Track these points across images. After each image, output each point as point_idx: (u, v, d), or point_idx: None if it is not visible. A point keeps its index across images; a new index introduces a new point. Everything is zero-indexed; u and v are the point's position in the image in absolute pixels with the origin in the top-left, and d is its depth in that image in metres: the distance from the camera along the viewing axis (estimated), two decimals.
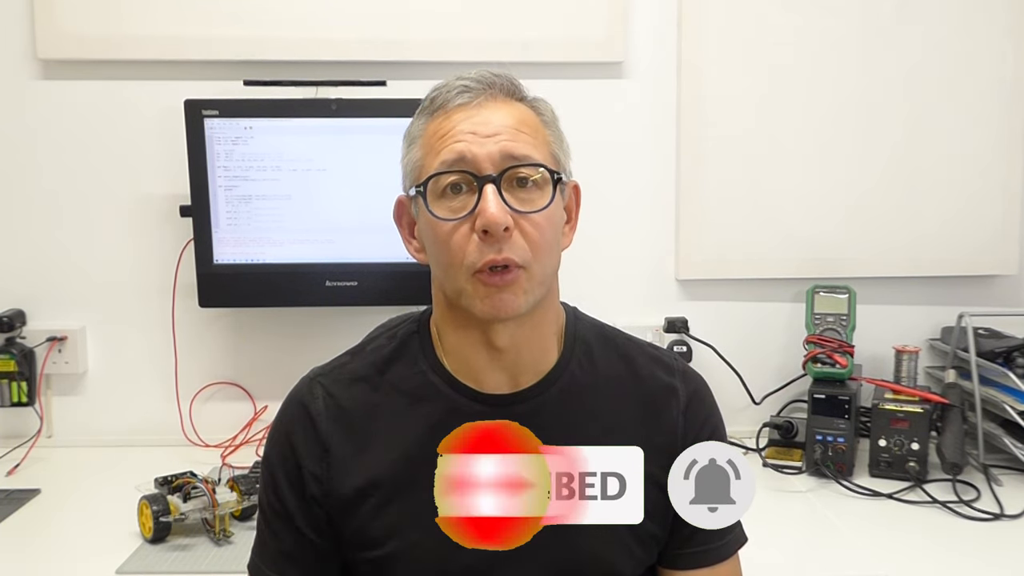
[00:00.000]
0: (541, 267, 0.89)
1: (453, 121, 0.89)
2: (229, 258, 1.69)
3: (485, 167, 0.87)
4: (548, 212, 0.89)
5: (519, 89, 0.94)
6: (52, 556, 1.34)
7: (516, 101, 0.93)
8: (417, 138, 0.93)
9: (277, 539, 0.96)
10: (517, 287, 0.88)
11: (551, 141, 0.93)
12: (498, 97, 0.91)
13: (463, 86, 0.91)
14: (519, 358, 0.94)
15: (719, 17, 1.79)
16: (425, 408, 0.94)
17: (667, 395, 0.98)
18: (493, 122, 0.89)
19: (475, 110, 0.90)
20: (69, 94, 1.76)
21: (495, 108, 0.90)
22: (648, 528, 0.95)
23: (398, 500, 0.92)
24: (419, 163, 0.92)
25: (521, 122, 0.90)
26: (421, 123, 0.93)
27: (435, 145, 0.90)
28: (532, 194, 0.89)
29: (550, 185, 0.90)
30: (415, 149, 0.93)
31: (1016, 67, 1.81)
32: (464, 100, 0.90)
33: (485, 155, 0.87)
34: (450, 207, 0.88)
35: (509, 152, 0.88)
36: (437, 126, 0.91)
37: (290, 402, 0.97)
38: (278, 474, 0.95)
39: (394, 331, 1.00)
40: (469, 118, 0.89)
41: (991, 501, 1.49)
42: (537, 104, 0.95)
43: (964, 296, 1.88)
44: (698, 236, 1.84)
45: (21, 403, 1.74)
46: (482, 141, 0.88)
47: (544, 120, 0.94)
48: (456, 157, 0.87)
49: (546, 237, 0.89)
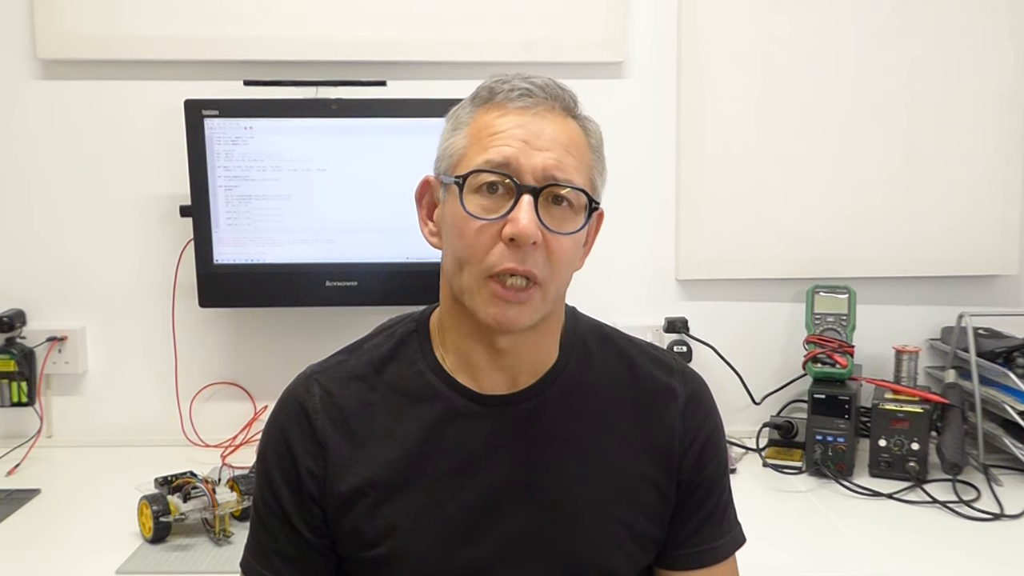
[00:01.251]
0: (556, 286, 0.89)
1: (508, 122, 0.88)
2: (229, 258, 1.69)
3: (527, 178, 0.86)
4: (576, 236, 0.89)
5: (577, 107, 0.93)
6: (52, 556, 1.34)
7: (571, 118, 0.92)
8: (464, 125, 0.91)
9: (271, 537, 0.95)
10: (530, 306, 0.87)
11: (593, 166, 0.92)
12: (556, 110, 0.90)
13: (526, 89, 0.89)
14: (519, 359, 0.94)
15: (719, 17, 1.79)
16: (423, 408, 0.94)
17: (666, 395, 0.97)
18: (546, 135, 0.88)
19: (532, 118, 0.88)
20: (69, 94, 1.77)
21: (551, 121, 0.89)
22: (646, 528, 0.95)
23: (395, 500, 0.92)
24: (461, 152, 0.90)
25: (571, 142, 0.89)
26: (472, 111, 0.92)
27: (483, 140, 0.88)
28: (565, 215, 0.88)
29: (585, 211, 0.89)
30: (459, 136, 0.91)
31: (1016, 68, 1.81)
32: (524, 104, 0.89)
33: (530, 166, 0.86)
34: (483, 205, 0.87)
35: (554, 170, 0.87)
36: (489, 120, 0.89)
37: (286, 399, 0.97)
38: (273, 471, 0.94)
39: (392, 330, 0.99)
40: (524, 124, 0.88)
41: (991, 501, 1.49)
42: (588, 125, 0.93)
43: (964, 296, 1.88)
44: (698, 236, 1.84)
45: (21, 403, 1.74)
46: (531, 152, 0.86)
47: (591, 144, 0.93)
48: (502, 160, 0.86)
49: (568, 258, 0.89)
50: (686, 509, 0.97)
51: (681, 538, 0.98)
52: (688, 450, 0.96)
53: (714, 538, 0.99)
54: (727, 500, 1.01)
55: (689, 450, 0.96)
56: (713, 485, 0.98)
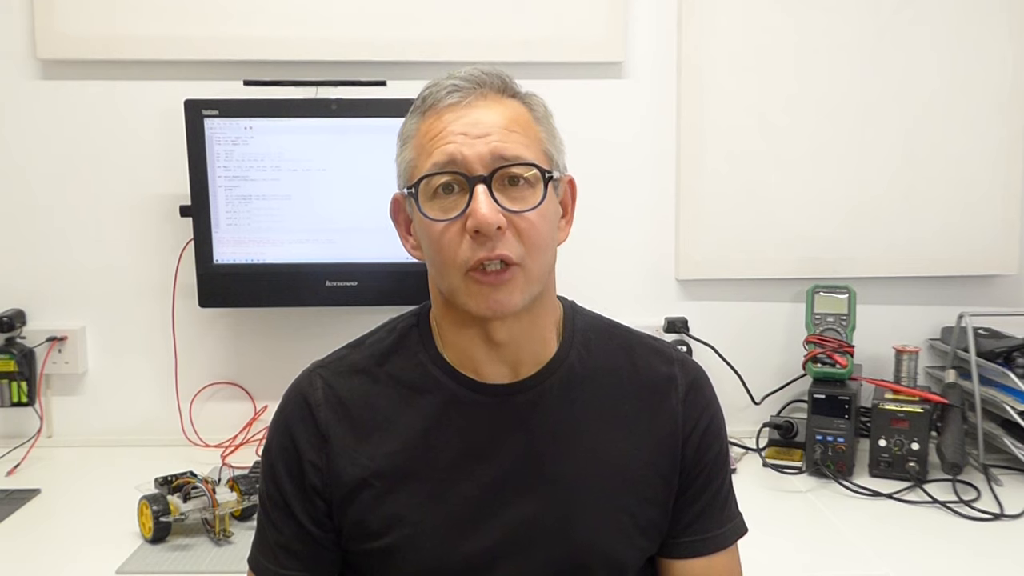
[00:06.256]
0: (536, 264, 0.90)
1: (444, 121, 0.89)
2: (229, 258, 1.69)
3: (476, 168, 0.87)
4: (541, 210, 0.89)
5: (510, 85, 0.93)
6: (52, 556, 1.34)
7: (508, 98, 0.92)
8: (410, 138, 0.93)
9: (277, 531, 0.96)
10: (513, 285, 0.88)
11: (543, 138, 0.93)
12: (488, 95, 0.91)
13: (453, 85, 0.90)
14: (519, 351, 0.94)
15: (719, 17, 1.79)
16: (425, 399, 0.94)
17: (666, 384, 0.98)
18: (483, 122, 0.88)
19: (465, 110, 0.89)
20: (69, 94, 1.77)
21: (485, 107, 0.90)
22: (650, 516, 0.96)
23: (398, 491, 0.92)
24: (412, 163, 0.92)
25: (512, 120, 0.90)
26: (413, 123, 0.93)
27: (427, 146, 0.90)
28: (524, 192, 0.89)
29: (542, 183, 0.90)
30: (408, 149, 0.93)
31: (1016, 67, 1.81)
32: (454, 100, 0.90)
33: (475, 156, 0.87)
34: (442, 207, 0.88)
35: (499, 152, 0.87)
36: (429, 126, 0.90)
37: (290, 393, 0.98)
38: (278, 465, 0.95)
39: (393, 325, 1.00)
40: (460, 118, 0.89)
41: (991, 501, 1.49)
42: (529, 100, 0.94)
43: (964, 296, 1.88)
44: (698, 236, 1.84)
45: (21, 403, 1.75)
46: (472, 142, 0.87)
47: (536, 116, 0.93)
48: (447, 159, 0.87)
49: (540, 234, 0.89)
50: (688, 496, 0.98)
51: (682, 525, 0.98)
52: (689, 437, 0.97)
53: (716, 526, 0.99)
54: (728, 488, 1.02)
55: (690, 437, 0.97)
56: (714, 472, 0.99)
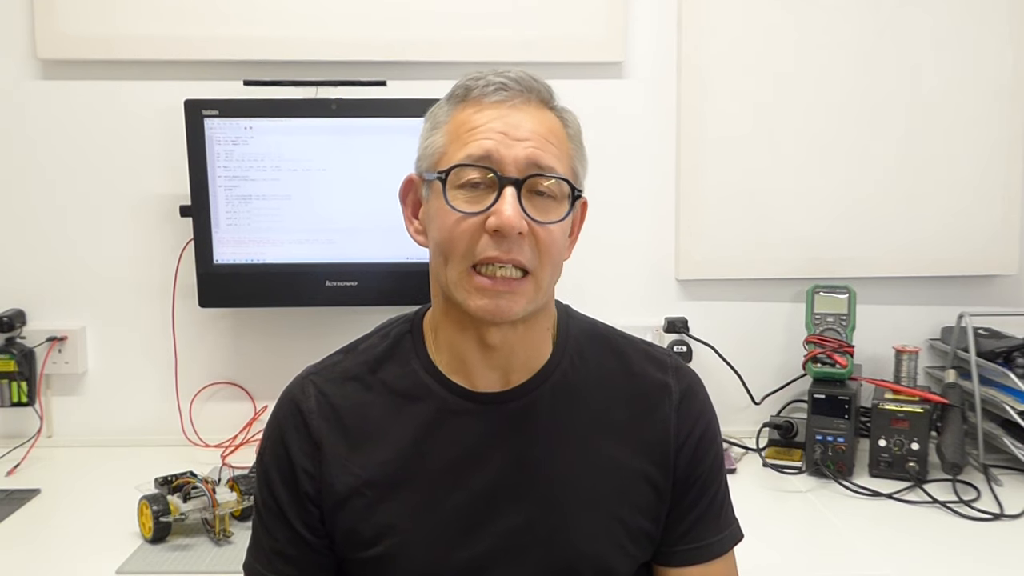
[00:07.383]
0: (546, 276, 0.90)
1: (485, 116, 0.89)
2: (229, 258, 1.69)
3: (509, 169, 0.87)
4: (561, 224, 0.90)
5: (553, 98, 0.93)
6: (52, 556, 1.34)
7: (548, 109, 0.92)
8: (442, 123, 0.92)
9: (271, 537, 0.96)
10: (521, 294, 0.88)
11: (573, 155, 0.93)
12: (532, 102, 0.91)
13: (501, 83, 0.90)
14: (512, 356, 0.94)
15: (719, 17, 1.79)
16: (416, 408, 0.94)
17: (660, 392, 0.98)
18: (524, 126, 0.88)
19: (509, 111, 0.89)
20: (69, 94, 1.77)
21: (528, 113, 0.90)
22: (642, 525, 0.95)
23: (390, 499, 0.92)
24: (441, 149, 0.91)
25: (550, 131, 0.90)
26: (449, 109, 0.92)
27: (462, 136, 0.89)
28: (549, 204, 0.89)
29: (568, 200, 0.90)
30: (438, 134, 0.92)
31: (1016, 67, 1.81)
32: (500, 98, 0.89)
33: (512, 158, 0.87)
34: (466, 199, 0.88)
35: (535, 160, 0.87)
36: (467, 117, 0.90)
37: (283, 400, 0.98)
38: (272, 471, 0.95)
39: (387, 331, 1.00)
40: (502, 117, 0.89)
41: (991, 501, 1.49)
42: (565, 115, 0.94)
43: (964, 296, 1.88)
44: (698, 236, 1.84)
45: (21, 403, 1.75)
46: (511, 143, 0.87)
47: (569, 133, 0.94)
48: (483, 153, 0.87)
49: (555, 248, 0.90)
50: (682, 505, 0.97)
51: (678, 534, 0.98)
52: (683, 446, 0.96)
53: (711, 534, 0.99)
54: (724, 496, 1.01)
55: (684, 446, 0.96)
56: (709, 481, 0.98)
